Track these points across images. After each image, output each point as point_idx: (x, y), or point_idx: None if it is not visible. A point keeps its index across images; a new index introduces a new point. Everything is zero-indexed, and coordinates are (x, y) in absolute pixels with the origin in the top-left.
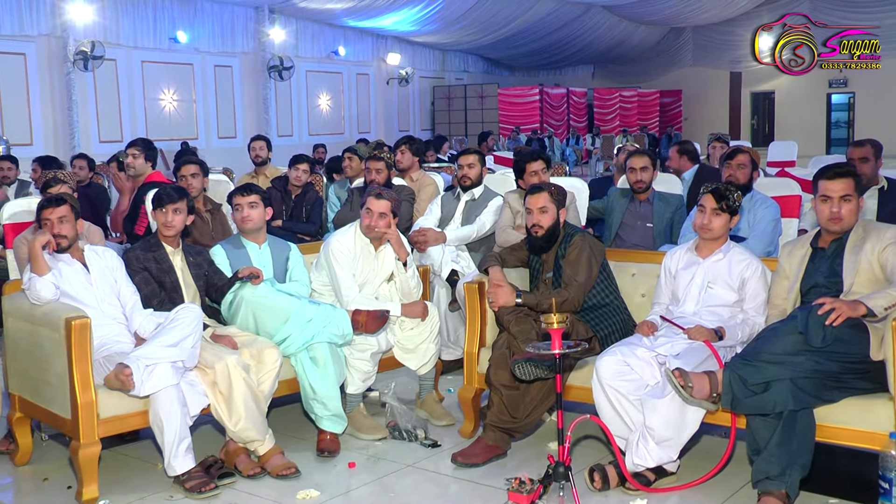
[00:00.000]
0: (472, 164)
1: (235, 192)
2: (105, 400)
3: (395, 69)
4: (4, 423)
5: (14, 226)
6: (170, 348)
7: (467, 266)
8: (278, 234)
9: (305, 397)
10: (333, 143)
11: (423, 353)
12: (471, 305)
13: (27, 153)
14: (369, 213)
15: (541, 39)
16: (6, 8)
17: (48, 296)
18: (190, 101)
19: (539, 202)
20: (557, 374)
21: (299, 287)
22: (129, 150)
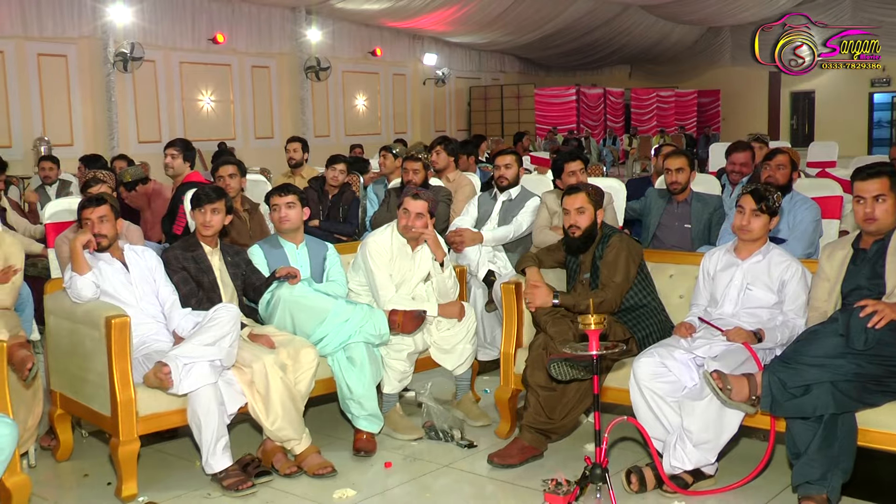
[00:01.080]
0: (509, 165)
1: (273, 192)
2: (144, 398)
3: (431, 69)
4: (46, 419)
5: (55, 225)
6: (208, 347)
7: (504, 266)
8: (315, 234)
9: (342, 397)
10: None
11: (460, 354)
12: (507, 306)
13: (68, 153)
14: (406, 213)
15: (577, 39)
16: (48, 11)
17: (89, 294)
18: (228, 101)
19: (576, 203)
20: (595, 376)
21: (336, 287)
22: (168, 151)
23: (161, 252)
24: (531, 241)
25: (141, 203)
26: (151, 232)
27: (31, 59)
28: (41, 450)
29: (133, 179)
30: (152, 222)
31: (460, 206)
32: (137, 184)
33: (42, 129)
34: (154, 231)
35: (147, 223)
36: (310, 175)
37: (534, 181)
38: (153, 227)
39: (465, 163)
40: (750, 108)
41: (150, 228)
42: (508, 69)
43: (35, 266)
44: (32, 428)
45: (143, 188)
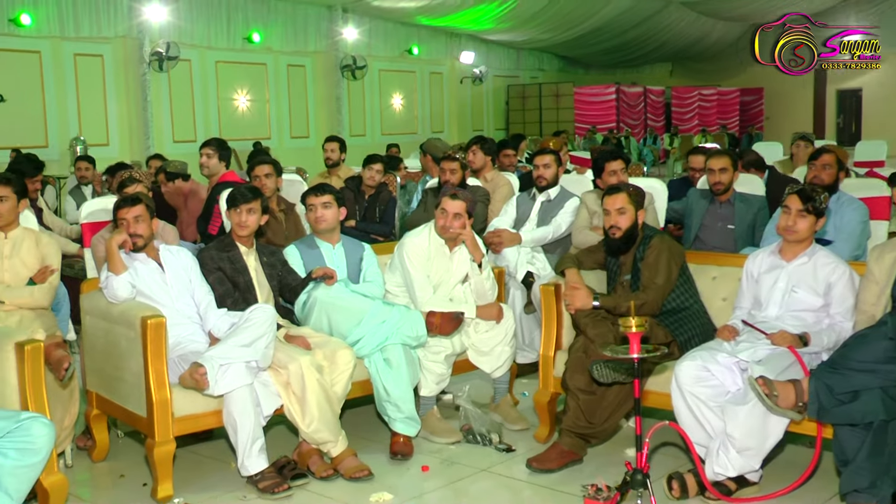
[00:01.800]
0: (548, 165)
1: (309, 192)
2: (180, 399)
3: (468, 68)
4: (82, 419)
5: (91, 225)
6: (243, 348)
7: (543, 268)
8: (352, 234)
9: (379, 399)
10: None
11: (498, 356)
12: (547, 308)
13: (104, 153)
14: (444, 213)
15: (617, 37)
16: (84, 10)
17: (124, 295)
18: (263, 100)
19: (617, 203)
20: (636, 379)
21: (373, 288)
22: (204, 150)
23: (196, 252)
24: (570, 242)
25: (178, 201)
26: (187, 232)
27: (67, 58)
28: (77, 450)
29: (175, 171)
30: (188, 222)
31: (498, 207)
32: (178, 177)
33: (78, 129)
34: (189, 231)
35: (182, 223)
36: (346, 175)
37: (573, 181)
38: (188, 227)
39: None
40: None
41: (186, 228)
42: (547, 67)
43: (71, 266)
44: (69, 428)
45: (180, 184)
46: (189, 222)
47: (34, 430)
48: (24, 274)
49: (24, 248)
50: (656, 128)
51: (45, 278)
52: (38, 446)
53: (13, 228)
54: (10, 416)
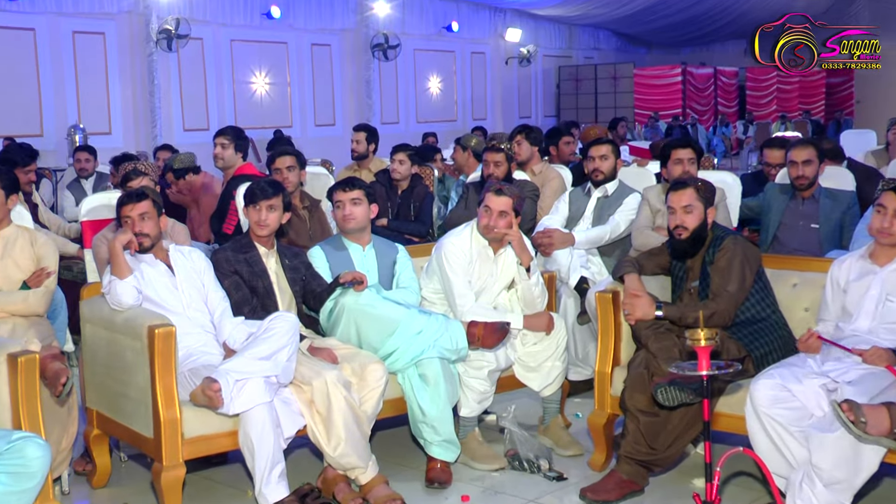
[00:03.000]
0: (606, 156)
1: (336, 186)
2: (190, 418)
3: (514, 47)
4: (81, 440)
5: (93, 223)
6: (262, 361)
7: (599, 272)
8: (384, 234)
9: (414, 420)
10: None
11: (548, 372)
12: (603, 318)
13: (106, 143)
14: (488, 211)
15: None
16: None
17: (129, 301)
18: (284, 84)
19: (683, 200)
20: (705, 400)
21: (408, 294)
22: (218, 140)
23: (210, 254)
24: (630, 244)
25: (187, 198)
26: (199, 231)
27: (64, 37)
28: (75, 475)
29: (183, 167)
30: (199, 220)
31: (548, 203)
32: (188, 172)
33: (77, 116)
34: (202, 230)
35: (194, 221)
36: (378, 168)
37: (633, 175)
38: (201, 226)
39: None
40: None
41: (198, 227)
42: (603, 46)
43: (70, 269)
44: (66, 450)
45: (192, 179)
46: (201, 220)
47: (28, 452)
48: (18, 277)
49: (17, 249)
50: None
51: (40, 282)
52: (32, 470)
53: (4, 226)
54: (1, 435)
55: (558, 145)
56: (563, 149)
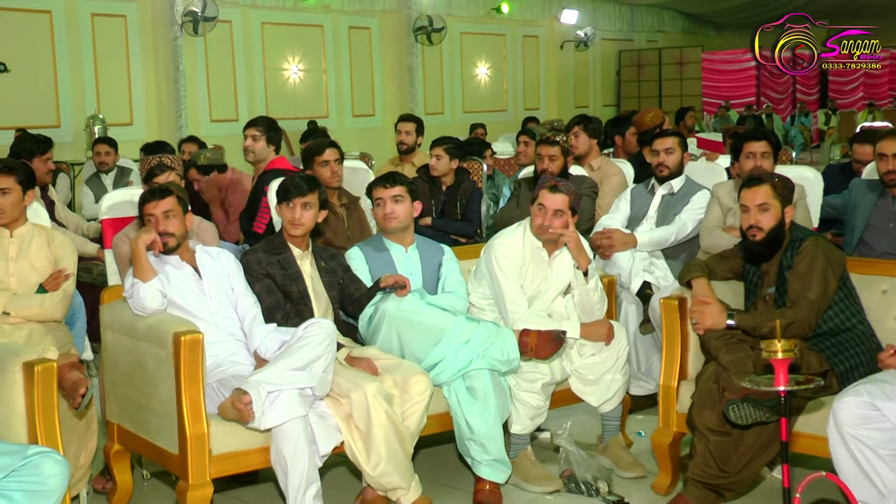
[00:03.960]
0: (671, 149)
1: (376, 182)
2: (219, 433)
3: (570, 30)
4: (101, 456)
5: (113, 221)
6: (297, 372)
7: (664, 277)
8: (428, 234)
9: (460, 437)
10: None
11: (607, 386)
12: (668, 327)
13: (127, 135)
14: (542, 210)
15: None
16: None
17: (153, 305)
18: (319, 70)
19: (758, 197)
20: (782, 418)
21: (454, 300)
22: (248, 132)
23: (240, 255)
24: (698, 246)
25: (212, 195)
26: (227, 230)
27: (83, 19)
28: (94, 493)
29: (209, 164)
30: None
31: (608, 201)
32: (213, 170)
33: (96, 106)
34: (230, 229)
35: (218, 218)
36: (421, 162)
37: (702, 170)
38: (226, 226)
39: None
40: None
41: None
42: (668, 28)
43: (89, 271)
44: (85, 466)
45: (217, 177)
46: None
47: (45, 469)
48: (34, 279)
49: (33, 249)
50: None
51: (58, 285)
52: (49, 488)
53: (20, 225)
54: (15, 450)
55: (624, 136)
56: (630, 139)
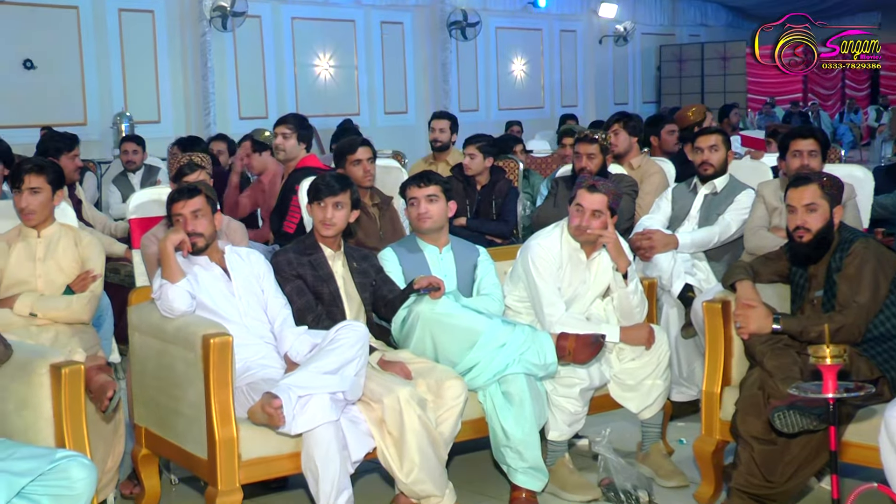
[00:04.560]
0: (716, 147)
1: (410, 181)
2: (248, 437)
3: (609, 24)
4: (128, 460)
5: (141, 221)
6: (328, 376)
7: (706, 280)
8: (462, 235)
9: (496, 443)
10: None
11: (648, 392)
12: (711, 331)
13: (154, 132)
14: (580, 210)
15: None
16: None
17: (182, 307)
18: (350, 67)
19: (805, 197)
20: (831, 427)
21: (490, 302)
22: (278, 129)
23: (270, 255)
24: (742, 247)
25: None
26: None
27: (110, 15)
28: (122, 498)
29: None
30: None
31: (649, 201)
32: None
33: (123, 104)
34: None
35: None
36: (455, 161)
37: (746, 168)
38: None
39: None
40: None
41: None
42: (712, 22)
43: (116, 272)
44: (112, 471)
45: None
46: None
47: (72, 473)
48: (61, 281)
49: (60, 249)
50: (858, 98)
51: (85, 286)
52: (76, 492)
53: (48, 225)
54: (42, 454)
55: (660, 135)
56: (666, 139)
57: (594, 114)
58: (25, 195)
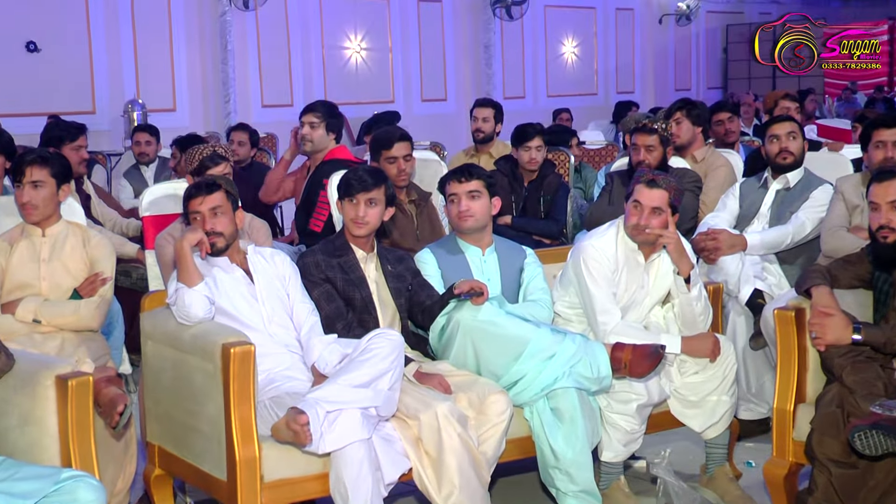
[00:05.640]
0: (794, 134)
1: (450, 176)
2: (272, 457)
3: (671, 2)
4: (140, 481)
5: (155, 219)
6: (359, 390)
7: (778, 285)
8: (508, 235)
9: (544, 464)
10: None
11: (712, 409)
12: (784, 342)
13: (169, 122)
14: (638, 207)
15: None
16: None
17: (200, 313)
18: (384, 49)
19: (890, 193)
20: None
21: (537, 309)
22: (305, 118)
23: (296, 257)
24: (818, 249)
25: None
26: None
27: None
28: None
29: None
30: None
31: (714, 197)
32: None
33: (135, 90)
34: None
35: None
36: (500, 153)
37: (823, 161)
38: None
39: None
40: None
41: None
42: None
43: (128, 274)
44: (123, 492)
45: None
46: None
47: (79, 495)
48: (67, 284)
49: (66, 249)
50: None
51: (94, 290)
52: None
53: (53, 223)
54: (48, 473)
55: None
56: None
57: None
58: (27, 189)
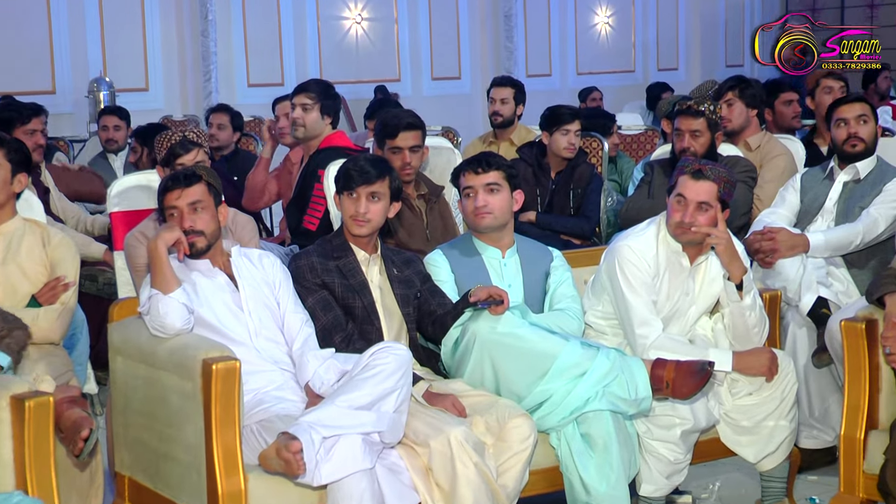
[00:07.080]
0: (865, 118)
1: (465, 166)
2: (260, 489)
3: None
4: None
5: (125, 215)
6: (361, 412)
7: (845, 292)
8: (532, 234)
9: (573, 499)
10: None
11: (769, 437)
12: (852, 358)
13: (141, 104)
14: (682, 202)
15: None
16: None
17: (177, 324)
18: (389, 20)
19: None
20: None
21: (566, 320)
22: (297, 99)
23: (288, 259)
24: (893, 251)
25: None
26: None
27: None
28: None
29: None
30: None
31: (771, 191)
32: None
33: (102, 67)
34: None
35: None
36: (522, 140)
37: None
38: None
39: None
40: None
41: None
42: None
43: (94, 279)
44: None
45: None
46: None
47: None
48: (24, 289)
49: (23, 250)
50: None
51: (55, 297)
52: None
53: (7, 219)
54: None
55: (774, 106)
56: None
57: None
58: None
